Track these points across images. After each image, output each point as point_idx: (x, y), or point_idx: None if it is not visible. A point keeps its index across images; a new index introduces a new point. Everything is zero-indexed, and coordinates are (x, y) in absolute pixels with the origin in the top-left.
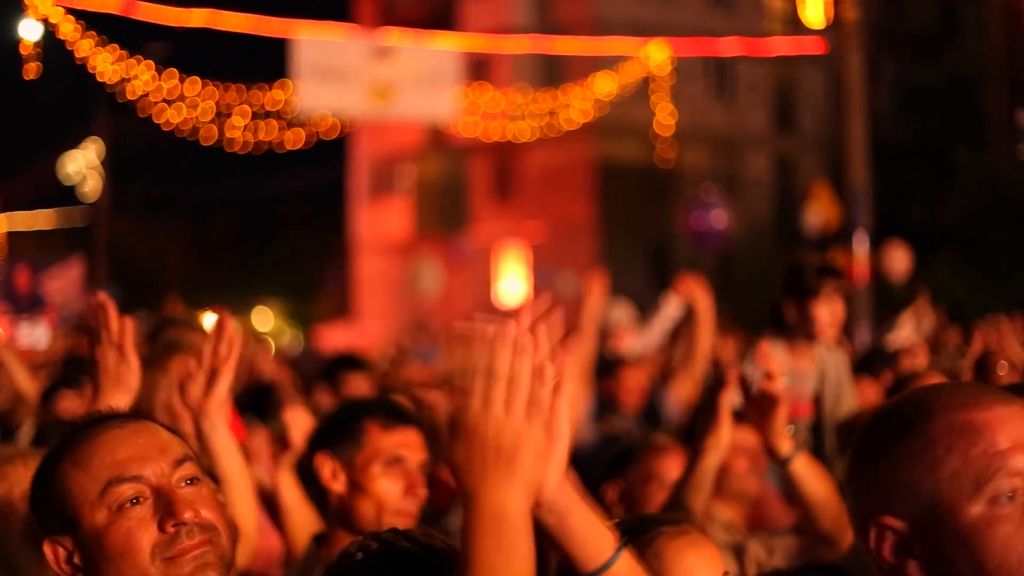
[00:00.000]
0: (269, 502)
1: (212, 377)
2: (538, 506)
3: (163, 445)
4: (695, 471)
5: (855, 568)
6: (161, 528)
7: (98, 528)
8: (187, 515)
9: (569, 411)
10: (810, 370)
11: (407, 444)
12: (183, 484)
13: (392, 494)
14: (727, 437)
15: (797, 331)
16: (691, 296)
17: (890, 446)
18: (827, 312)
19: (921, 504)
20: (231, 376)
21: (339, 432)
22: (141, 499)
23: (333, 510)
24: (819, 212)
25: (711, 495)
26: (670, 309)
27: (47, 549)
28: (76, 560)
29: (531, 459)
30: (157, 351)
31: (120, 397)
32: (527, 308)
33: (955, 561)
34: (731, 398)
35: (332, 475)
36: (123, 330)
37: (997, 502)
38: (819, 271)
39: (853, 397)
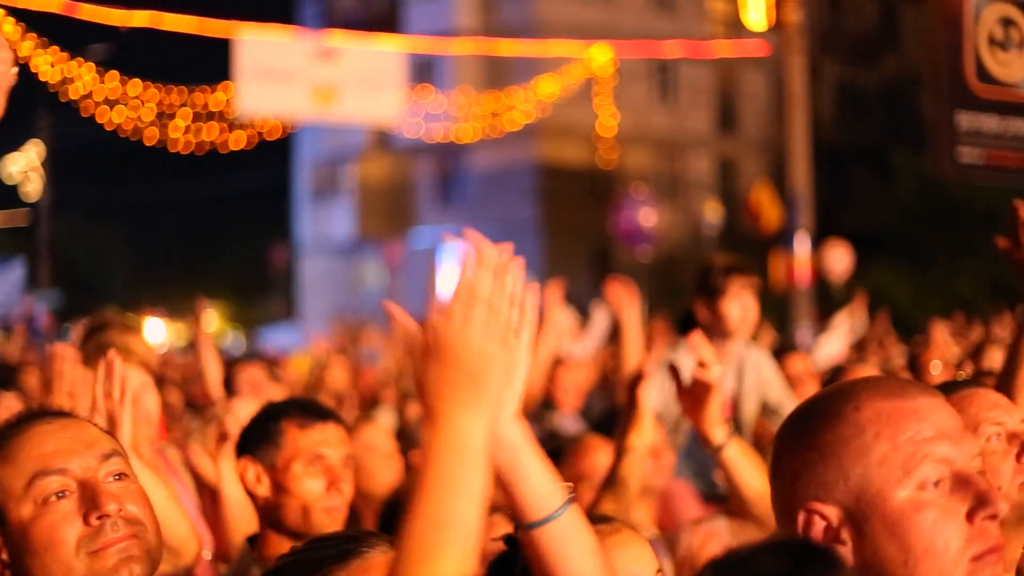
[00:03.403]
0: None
1: (111, 422)
2: (493, 440)
3: (91, 440)
4: (620, 468)
5: None
6: (86, 521)
7: (23, 522)
8: (111, 507)
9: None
10: (727, 371)
11: (326, 441)
12: (111, 479)
13: (315, 492)
14: (650, 432)
15: (710, 331)
16: (616, 303)
17: (818, 433)
18: (737, 309)
19: (850, 490)
20: (130, 419)
21: (258, 436)
22: (67, 493)
23: (261, 513)
24: (755, 212)
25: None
26: (599, 316)
27: None
28: (4, 557)
29: (498, 387)
30: (88, 353)
31: None
32: (501, 246)
33: (883, 546)
34: (650, 393)
35: (256, 479)
36: (77, 380)
37: (924, 488)
38: (726, 269)
39: (788, 396)
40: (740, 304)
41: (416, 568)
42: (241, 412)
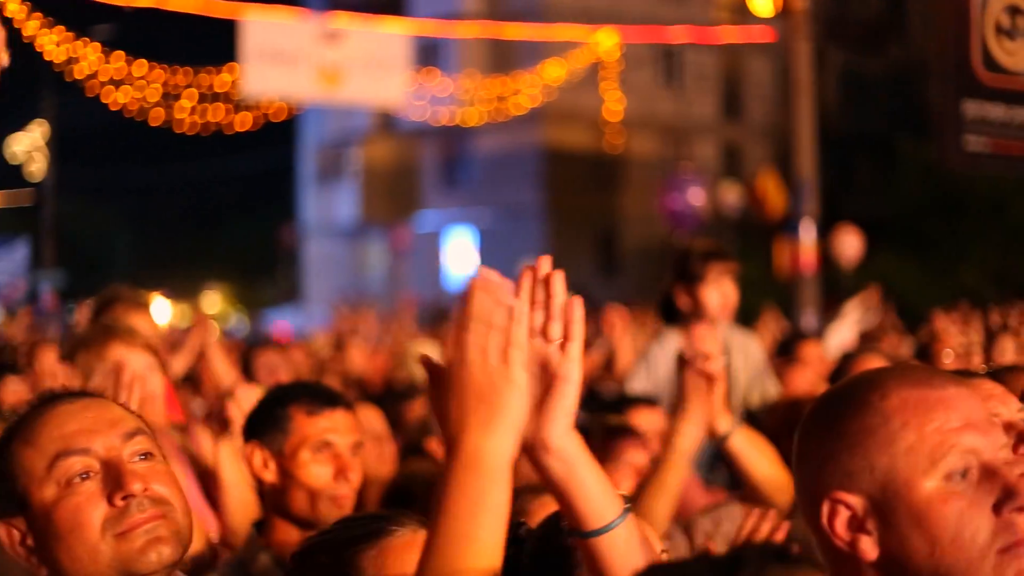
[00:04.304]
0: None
1: None
2: (547, 451)
3: (114, 419)
4: (671, 455)
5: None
6: (111, 502)
7: (47, 505)
8: (136, 487)
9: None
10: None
11: (335, 428)
12: (135, 459)
13: (323, 479)
14: (701, 417)
15: (691, 317)
16: (612, 335)
17: (844, 423)
18: (716, 295)
19: (876, 479)
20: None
21: (266, 421)
22: (91, 473)
23: (267, 499)
24: (757, 198)
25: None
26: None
27: (1, 532)
28: (29, 542)
29: (515, 405)
30: (96, 332)
31: None
32: (535, 266)
33: (909, 536)
34: (698, 380)
35: (263, 465)
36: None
37: (951, 479)
38: (704, 255)
39: (772, 383)
40: (720, 290)
41: None
42: (244, 399)
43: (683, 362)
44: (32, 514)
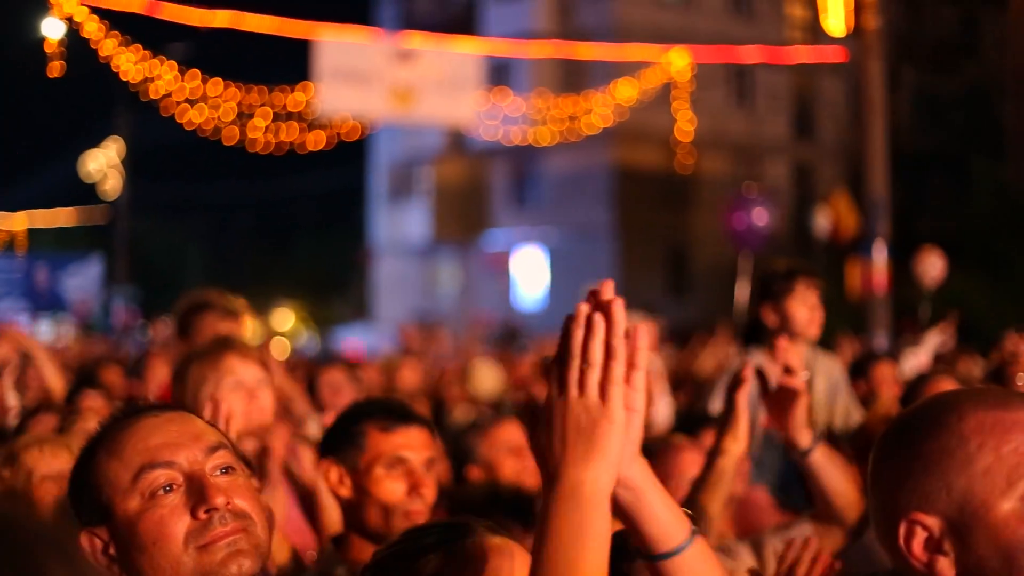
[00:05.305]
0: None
1: None
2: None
3: (197, 433)
4: (713, 470)
5: (859, 563)
6: (193, 515)
7: (131, 516)
8: (219, 500)
9: (644, 392)
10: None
11: (408, 444)
12: (217, 472)
13: (396, 495)
14: (745, 437)
15: (779, 334)
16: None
17: (920, 444)
18: (804, 308)
19: (953, 501)
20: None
21: (341, 437)
22: (174, 486)
23: (345, 514)
24: (832, 219)
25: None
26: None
27: (84, 540)
28: (112, 551)
29: (613, 440)
30: (210, 343)
31: None
32: (599, 290)
33: (986, 557)
34: (747, 397)
35: (339, 481)
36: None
37: None
38: (789, 272)
39: (854, 406)
40: (806, 304)
41: None
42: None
43: (762, 377)
44: (115, 524)
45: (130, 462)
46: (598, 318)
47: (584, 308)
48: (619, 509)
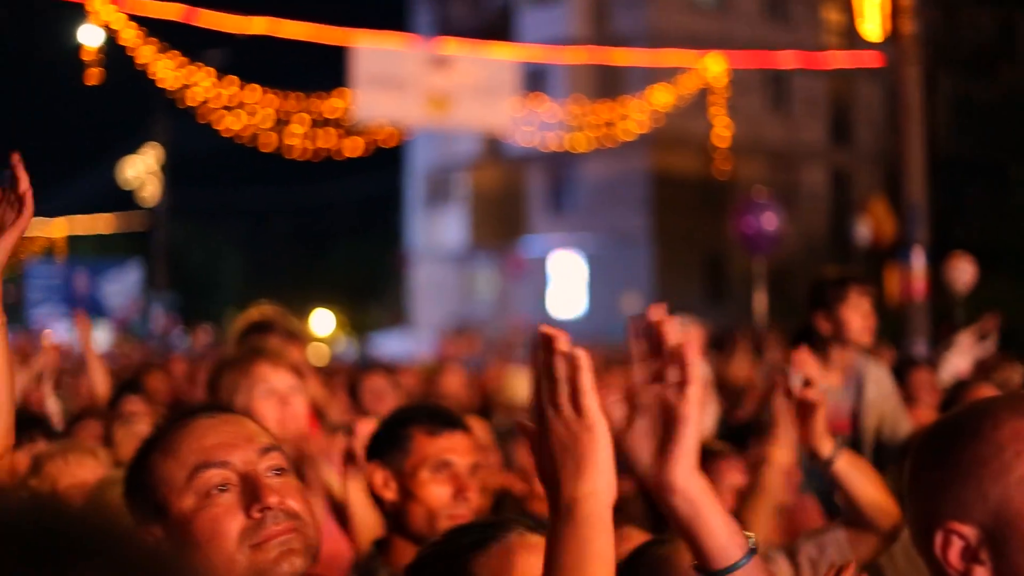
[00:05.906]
0: (341, 508)
1: None
2: (672, 492)
3: (250, 434)
4: (759, 480)
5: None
6: (247, 514)
7: (185, 514)
8: (272, 500)
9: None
10: (847, 385)
11: (454, 448)
12: (270, 473)
13: (441, 499)
14: (791, 446)
15: (832, 342)
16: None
17: (956, 452)
18: (857, 315)
19: (989, 509)
20: None
21: (387, 441)
22: (228, 486)
23: (388, 517)
24: (872, 225)
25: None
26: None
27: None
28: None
29: (599, 449)
30: (242, 352)
31: None
32: (633, 320)
33: (1022, 566)
34: (786, 405)
35: (383, 484)
36: None
37: None
38: (842, 280)
39: (903, 414)
40: (860, 311)
41: None
42: (366, 434)
43: (807, 384)
44: (170, 522)
45: (185, 461)
46: (552, 332)
47: (544, 328)
48: (677, 520)
